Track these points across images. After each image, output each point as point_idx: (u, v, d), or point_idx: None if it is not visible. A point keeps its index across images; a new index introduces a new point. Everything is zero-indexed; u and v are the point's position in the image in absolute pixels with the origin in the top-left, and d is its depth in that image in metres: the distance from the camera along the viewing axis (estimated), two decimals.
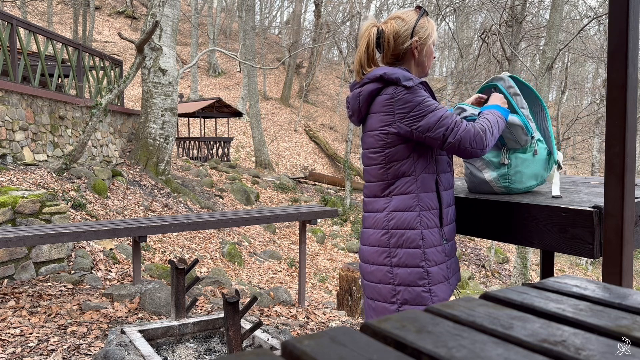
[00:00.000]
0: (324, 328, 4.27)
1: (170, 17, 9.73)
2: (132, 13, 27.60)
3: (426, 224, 1.65)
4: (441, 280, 1.67)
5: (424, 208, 1.65)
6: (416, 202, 1.65)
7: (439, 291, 1.65)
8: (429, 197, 1.66)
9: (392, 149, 1.66)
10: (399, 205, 1.66)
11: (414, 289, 1.63)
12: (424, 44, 1.71)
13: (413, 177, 1.66)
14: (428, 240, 1.64)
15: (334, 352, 0.50)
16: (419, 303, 1.64)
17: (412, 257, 1.64)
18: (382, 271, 1.68)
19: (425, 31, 1.70)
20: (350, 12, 23.67)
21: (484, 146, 1.60)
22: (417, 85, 1.61)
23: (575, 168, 25.86)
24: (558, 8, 9.03)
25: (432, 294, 1.64)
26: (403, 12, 1.73)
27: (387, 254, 1.67)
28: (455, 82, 17.33)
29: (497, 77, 1.91)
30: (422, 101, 1.59)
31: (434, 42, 1.74)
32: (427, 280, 1.63)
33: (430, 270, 1.64)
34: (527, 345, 0.55)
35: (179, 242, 7.13)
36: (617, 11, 1.20)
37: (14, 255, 4.24)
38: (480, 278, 11.25)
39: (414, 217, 1.64)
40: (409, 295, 1.64)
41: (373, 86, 1.66)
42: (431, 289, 1.64)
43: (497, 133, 1.66)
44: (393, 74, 1.62)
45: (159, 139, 9.73)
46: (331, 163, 20.85)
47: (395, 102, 1.61)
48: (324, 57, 31.35)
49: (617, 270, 1.23)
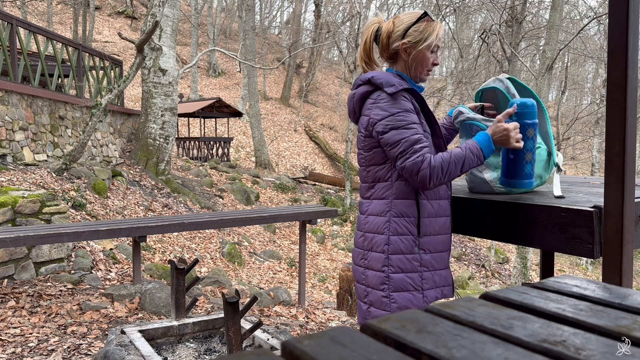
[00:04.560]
0: (324, 328, 4.27)
1: (170, 17, 9.73)
2: (132, 13, 27.60)
3: (395, 230, 1.62)
4: (407, 289, 1.62)
5: (396, 215, 1.63)
6: (389, 208, 1.64)
7: (400, 299, 1.61)
8: (405, 204, 1.63)
9: (371, 152, 1.67)
10: (374, 209, 1.68)
11: (375, 292, 1.65)
12: (413, 47, 1.66)
13: (389, 183, 1.65)
14: (395, 247, 1.62)
15: (334, 352, 0.50)
16: (379, 307, 1.64)
17: (377, 261, 1.64)
18: (358, 271, 1.72)
19: (417, 34, 1.65)
20: (350, 12, 23.67)
21: (428, 183, 1.54)
22: (400, 92, 1.60)
23: (575, 168, 25.85)
24: (558, 8, 9.03)
25: (391, 300, 1.61)
26: (407, 14, 1.71)
27: (362, 255, 1.71)
28: (455, 82, 17.33)
29: (495, 80, 1.89)
30: (397, 114, 1.58)
31: (430, 47, 1.66)
32: (387, 285, 1.62)
33: (392, 276, 1.61)
34: (527, 345, 0.55)
35: (179, 242, 7.13)
36: (617, 11, 1.20)
37: (14, 255, 4.24)
38: (480, 278, 11.25)
39: (384, 222, 1.64)
40: (373, 298, 1.66)
41: (364, 89, 1.69)
42: (391, 295, 1.62)
43: (457, 171, 1.57)
44: (379, 79, 1.63)
45: (159, 139, 9.73)
46: (331, 163, 20.85)
47: (374, 107, 1.62)
48: (324, 57, 31.35)
49: (617, 270, 1.23)
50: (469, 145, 1.58)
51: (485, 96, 1.94)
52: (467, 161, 1.56)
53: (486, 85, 1.91)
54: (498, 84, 1.87)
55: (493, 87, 1.87)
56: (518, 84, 1.89)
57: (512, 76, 1.90)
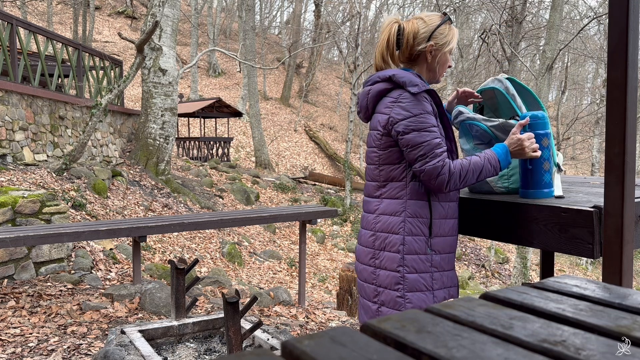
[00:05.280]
0: (324, 328, 4.27)
1: (170, 17, 9.73)
2: (132, 13, 27.60)
3: (410, 231, 1.63)
4: (420, 289, 1.63)
5: (411, 215, 1.64)
6: (403, 208, 1.64)
7: (414, 299, 1.62)
8: (419, 205, 1.64)
9: (386, 151, 1.67)
10: (386, 209, 1.68)
11: (390, 292, 1.65)
12: (439, 49, 1.68)
13: (404, 183, 1.65)
14: (409, 247, 1.63)
15: (334, 352, 0.50)
16: (393, 307, 1.64)
17: (392, 261, 1.64)
18: (367, 271, 1.71)
19: (443, 37, 1.68)
20: (350, 12, 23.66)
21: (445, 187, 1.57)
22: (422, 93, 1.60)
23: (575, 168, 25.85)
24: (558, 8, 9.03)
25: (406, 300, 1.62)
26: (427, 15, 1.72)
27: (372, 255, 1.70)
28: (455, 82, 17.33)
29: (494, 80, 1.89)
30: (419, 115, 1.58)
31: (451, 50, 1.71)
32: (402, 285, 1.63)
33: (407, 276, 1.62)
34: (527, 345, 0.55)
35: (179, 242, 7.13)
36: (617, 11, 1.20)
37: (14, 255, 4.24)
38: (480, 278, 11.25)
39: (399, 222, 1.64)
40: (386, 298, 1.66)
41: (382, 86, 1.67)
42: (406, 295, 1.62)
43: (473, 179, 1.60)
44: (401, 77, 1.62)
45: (159, 139, 9.73)
46: (331, 163, 20.85)
47: (396, 105, 1.61)
48: (324, 57, 31.35)
49: (617, 270, 1.23)
50: (487, 155, 1.61)
51: (483, 96, 1.93)
52: (485, 171, 1.59)
53: (485, 86, 1.91)
54: (497, 84, 1.86)
55: (492, 87, 1.87)
56: (517, 84, 1.88)
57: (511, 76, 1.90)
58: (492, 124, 1.78)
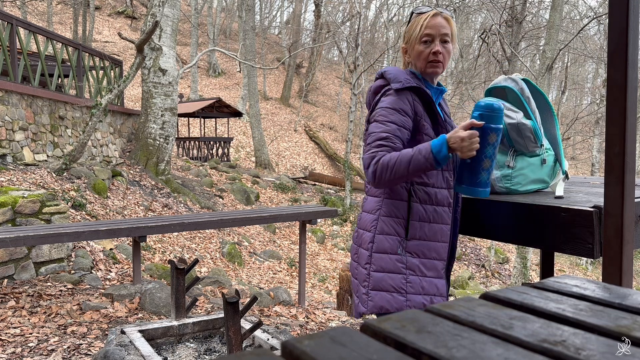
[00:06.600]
0: (324, 328, 4.27)
1: (170, 17, 9.73)
2: (132, 13, 27.60)
3: (382, 229, 1.62)
4: (386, 289, 1.59)
5: (385, 214, 1.63)
6: (379, 206, 1.65)
7: (377, 298, 1.59)
8: (395, 204, 1.62)
9: None
10: (367, 206, 1.71)
11: (359, 288, 1.67)
12: (410, 46, 1.69)
13: None
14: (379, 245, 1.61)
15: (334, 352, 0.50)
16: (360, 303, 1.66)
17: (362, 258, 1.67)
18: (352, 266, 1.75)
19: (407, 34, 1.70)
20: (350, 12, 23.66)
21: (373, 179, 1.53)
22: (405, 90, 1.61)
23: (575, 168, 25.85)
24: (558, 8, 9.03)
25: (369, 298, 1.60)
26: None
27: (355, 251, 1.74)
28: (455, 82, 17.34)
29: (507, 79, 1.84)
30: (385, 108, 1.59)
31: (420, 39, 1.64)
32: (367, 282, 1.62)
33: (373, 274, 1.61)
34: (527, 345, 0.55)
35: (179, 242, 7.13)
36: (617, 11, 1.20)
37: (14, 255, 4.24)
38: (480, 278, 11.25)
39: (372, 219, 1.66)
40: (357, 293, 1.69)
41: (378, 82, 1.72)
42: (369, 292, 1.61)
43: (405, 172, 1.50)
44: (389, 74, 1.67)
45: (159, 139, 9.73)
46: (331, 163, 20.85)
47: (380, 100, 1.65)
48: (324, 57, 31.35)
49: (617, 270, 1.23)
50: (420, 146, 1.50)
51: (494, 94, 1.89)
52: (414, 162, 1.47)
53: (497, 84, 1.87)
54: (511, 84, 1.82)
55: (504, 85, 1.83)
56: (532, 86, 1.84)
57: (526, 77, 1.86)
58: (510, 121, 1.76)
